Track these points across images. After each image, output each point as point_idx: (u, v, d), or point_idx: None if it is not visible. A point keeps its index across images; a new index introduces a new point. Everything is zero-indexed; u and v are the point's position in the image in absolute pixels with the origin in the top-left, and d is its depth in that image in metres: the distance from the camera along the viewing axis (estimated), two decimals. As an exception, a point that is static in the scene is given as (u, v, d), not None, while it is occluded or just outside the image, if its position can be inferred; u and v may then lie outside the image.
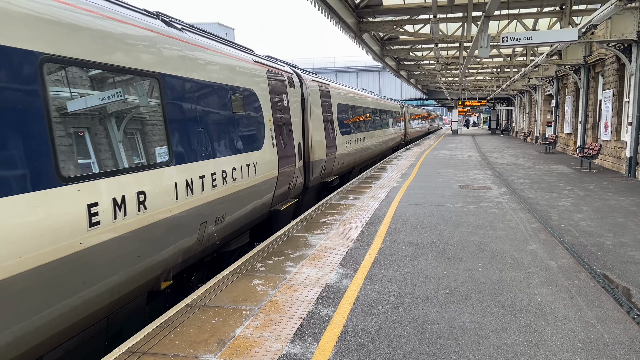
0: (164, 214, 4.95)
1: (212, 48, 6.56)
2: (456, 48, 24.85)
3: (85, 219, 3.89)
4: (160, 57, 5.17)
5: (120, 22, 4.62)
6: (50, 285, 3.61)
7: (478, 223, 8.28)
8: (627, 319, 4.41)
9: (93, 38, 4.17)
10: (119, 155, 4.49)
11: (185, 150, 5.50)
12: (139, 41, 4.83)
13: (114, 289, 4.40)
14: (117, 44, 4.47)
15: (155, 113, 5.09)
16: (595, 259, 6.23)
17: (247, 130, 7.41)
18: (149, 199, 4.72)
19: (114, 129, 4.50)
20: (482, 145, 31.62)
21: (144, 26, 5.01)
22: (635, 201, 10.28)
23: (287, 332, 4.18)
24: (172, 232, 5.16)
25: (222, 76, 6.69)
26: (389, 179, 14.11)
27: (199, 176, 5.73)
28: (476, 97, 52.57)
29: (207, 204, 5.88)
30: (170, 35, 5.50)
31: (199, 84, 5.97)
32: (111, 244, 4.19)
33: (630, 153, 14.34)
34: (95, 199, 4.01)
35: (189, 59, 5.78)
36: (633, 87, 14.22)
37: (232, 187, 6.61)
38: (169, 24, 5.74)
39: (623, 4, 10.38)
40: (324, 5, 14.23)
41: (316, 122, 11.84)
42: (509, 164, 18.48)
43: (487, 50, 12.69)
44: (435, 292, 5.10)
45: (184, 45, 5.75)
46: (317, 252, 6.60)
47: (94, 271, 4.06)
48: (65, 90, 3.95)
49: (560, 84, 26.56)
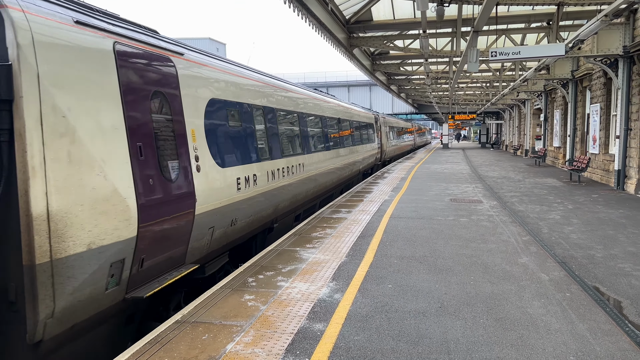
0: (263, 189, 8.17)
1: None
2: (446, 63, 25.10)
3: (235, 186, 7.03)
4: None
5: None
6: (225, 213, 6.74)
7: (469, 236, 8.29)
8: (619, 331, 4.42)
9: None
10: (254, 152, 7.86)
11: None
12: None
13: (251, 223, 7.89)
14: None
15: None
16: (586, 272, 6.25)
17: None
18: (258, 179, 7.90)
19: (253, 139, 8.04)
20: (472, 158, 31.82)
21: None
22: (624, 214, 10.35)
23: (278, 347, 4.13)
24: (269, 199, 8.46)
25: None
26: (380, 193, 14.13)
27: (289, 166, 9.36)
28: (466, 111, 53.02)
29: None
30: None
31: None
32: (244, 200, 7.37)
33: (619, 166, 14.49)
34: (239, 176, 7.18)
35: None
36: (620, 101, 14.42)
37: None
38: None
39: (609, 19, 10.57)
40: (314, 21, 14.35)
41: (384, 135, 15.20)
42: (500, 177, 18.59)
43: (476, 64, 12.83)
44: (428, 305, 5.07)
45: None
46: (308, 266, 6.56)
47: (240, 212, 7.31)
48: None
49: (548, 98, 26.88)
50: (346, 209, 11.31)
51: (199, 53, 6.90)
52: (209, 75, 6.78)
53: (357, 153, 18.26)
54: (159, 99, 5.44)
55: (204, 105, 6.48)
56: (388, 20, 17.70)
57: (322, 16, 14.58)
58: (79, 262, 4.08)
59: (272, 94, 9.46)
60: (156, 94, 5.38)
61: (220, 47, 58.44)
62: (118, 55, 4.84)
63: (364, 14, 17.21)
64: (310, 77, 68.51)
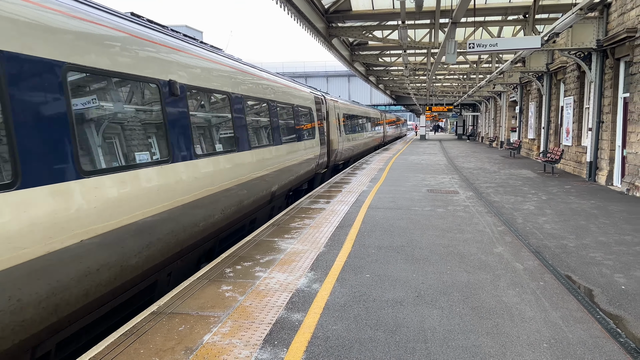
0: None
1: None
2: (424, 54, 25.26)
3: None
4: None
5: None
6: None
7: (446, 226, 8.38)
8: (590, 318, 4.52)
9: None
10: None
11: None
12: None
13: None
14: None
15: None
16: (559, 261, 6.38)
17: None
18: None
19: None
20: (449, 150, 32.16)
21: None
22: (595, 204, 10.60)
23: (256, 338, 4.11)
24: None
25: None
26: (358, 183, 14.17)
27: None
28: (443, 102, 53.53)
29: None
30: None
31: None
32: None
33: (591, 158, 14.82)
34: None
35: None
36: (593, 94, 14.71)
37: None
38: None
39: (583, 13, 10.74)
40: (293, 10, 14.23)
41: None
42: (476, 169, 18.83)
43: (454, 56, 12.92)
44: (405, 295, 5.11)
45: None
46: (287, 256, 6.55)
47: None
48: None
49: (524, 91, 27.28)
50: (325, 199, 11.31)
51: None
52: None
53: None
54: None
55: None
56: (367, 10, 17.68)
57: (301, 5, 14.47)
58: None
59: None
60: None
61: (197, 34, 57.61)
62: None
63: (343, 4, 17.15)
64: (289, 67, 68.11)
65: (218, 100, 7.77)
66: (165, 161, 5.78)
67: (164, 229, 5.63)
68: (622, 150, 13.39)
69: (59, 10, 4.33)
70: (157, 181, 5.52)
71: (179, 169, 6.05)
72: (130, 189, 5.01)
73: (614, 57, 13.72)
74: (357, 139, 24.77)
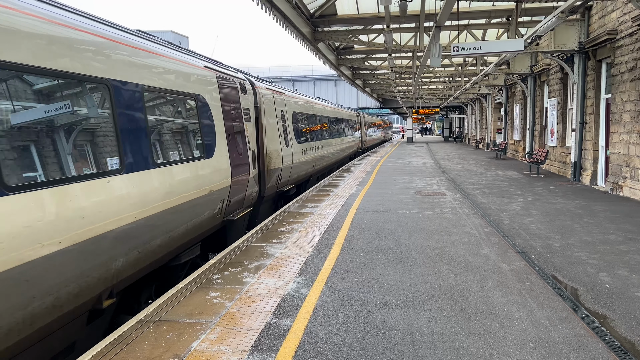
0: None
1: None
2: (409, 57, 25.38)
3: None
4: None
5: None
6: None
7: (433, 228, 8.43)
8: (576, 318, 4.58)
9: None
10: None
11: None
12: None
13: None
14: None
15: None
16: (545, 261, 6.44)
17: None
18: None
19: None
20: (436, 152, 32.35)
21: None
22: (580, 204, 10.73)
23: (244, 344, 4.10)
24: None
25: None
26: (346, 187, 14.19)
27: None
28: (429, 105, 53.86)
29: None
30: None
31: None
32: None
33: (575, 158, 15.01)
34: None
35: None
36: (576, 95, 14.91)
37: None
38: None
39: (565, 15, 10.88)
40: (279, 15, 14.24)
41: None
42: (462, 170, 18.96)
43: (439, 59, 13.02)
44: (393, 298, 5.13)
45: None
46: (275, 261, 6.53)
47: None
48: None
49: (509, 93, 27.56)
50: (313, 203, 11.31)
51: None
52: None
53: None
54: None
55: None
56: (352, 14, 17.74)
57: (287, 10, 14.49)
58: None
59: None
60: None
61: (182, 39, 57.36)
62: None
63: (328, 8, 17.19)
64: (275, 72, 68.12)
65: (330, 122, 10.85)
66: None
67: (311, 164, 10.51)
68: (606, 151, 13.58)
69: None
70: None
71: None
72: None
73: (596, 59, 13.93)
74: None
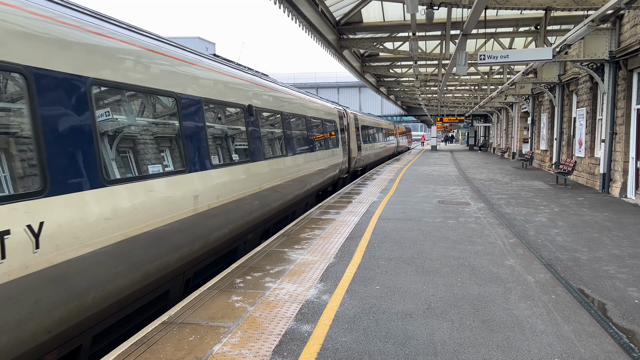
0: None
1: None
2: (435, 65, 25.23)
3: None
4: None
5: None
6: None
7: (457, 238, 8.34)
8: (603, 333, 4.47)
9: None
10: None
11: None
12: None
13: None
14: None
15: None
16: (572, 274, 6.31)
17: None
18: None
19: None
20: (460, 161, 32.02)
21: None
22: (609, 217, 10.48)
23: (265, 349, 4.12)
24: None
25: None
26: (369, 194, 14.16)
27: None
28: (454, 113, 53.36)
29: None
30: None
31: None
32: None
33: (604, 169, 14.67)
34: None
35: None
36: (605, 106, 14.60)
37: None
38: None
39: (595, 24, 10.69)
40: (304, 22, 14.34)
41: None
42: (487, 180, 18.72)
43: (465, 68, 12.91)
44: (415, 307, 5.09)
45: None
46: (296, 267, 6.55)
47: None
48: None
49: (536, 102, 27.14)
50: (335, 210, 11.31)
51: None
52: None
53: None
54: None
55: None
56: (378, 22, 17.75)
57: (312, 17, 14.58)
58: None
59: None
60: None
61: (209, 46, 58.28)
62: None
63: (354, 16, 17.24)
64: (299, 78, 68.47)
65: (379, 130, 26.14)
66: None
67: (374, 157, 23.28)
68: (636, 162, 13.24)
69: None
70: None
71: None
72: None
73: (627, 69, 13.62)
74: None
